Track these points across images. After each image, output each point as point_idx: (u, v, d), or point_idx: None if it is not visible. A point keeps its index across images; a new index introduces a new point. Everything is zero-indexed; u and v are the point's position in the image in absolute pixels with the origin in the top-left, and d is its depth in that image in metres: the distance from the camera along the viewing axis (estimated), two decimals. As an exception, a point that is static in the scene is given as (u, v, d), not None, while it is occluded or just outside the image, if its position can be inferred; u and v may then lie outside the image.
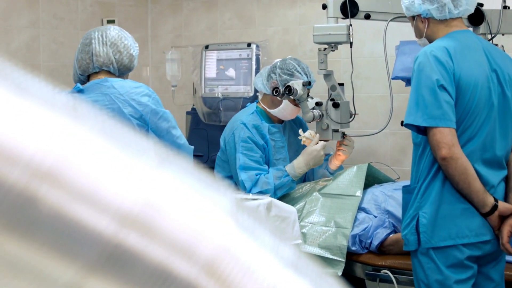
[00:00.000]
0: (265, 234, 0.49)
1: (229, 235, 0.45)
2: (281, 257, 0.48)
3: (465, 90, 2.41)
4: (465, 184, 2.39)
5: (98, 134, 0.44)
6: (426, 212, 2.45)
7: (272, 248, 0.48)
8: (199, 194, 0.46)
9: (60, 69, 4.56)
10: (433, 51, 2.41)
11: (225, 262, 0.44)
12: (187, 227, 0.44)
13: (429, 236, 2.45)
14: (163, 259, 0.44)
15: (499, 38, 3.57)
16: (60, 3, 4.54)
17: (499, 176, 2.53)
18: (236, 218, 0.47)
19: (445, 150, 2.34)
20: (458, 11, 2.52)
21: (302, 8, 4.44)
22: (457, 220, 2.44)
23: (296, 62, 3.50)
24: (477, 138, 2.45)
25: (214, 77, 4.17)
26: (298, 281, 0.48)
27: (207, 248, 0.44)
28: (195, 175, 0.47)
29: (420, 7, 2.52)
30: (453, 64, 2.40)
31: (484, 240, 2.47)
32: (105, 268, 0.43)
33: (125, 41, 2.73)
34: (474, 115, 2.43)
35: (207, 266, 0.44)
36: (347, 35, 3.21)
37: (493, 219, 2.44)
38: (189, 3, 4.89)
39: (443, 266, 2.46)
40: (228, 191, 0.48)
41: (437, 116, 2.36)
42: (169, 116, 2.66)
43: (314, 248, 3.17)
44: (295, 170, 3.36)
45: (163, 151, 0.47)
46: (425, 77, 2.38)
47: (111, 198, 0.42)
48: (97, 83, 2.66)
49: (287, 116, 3.53)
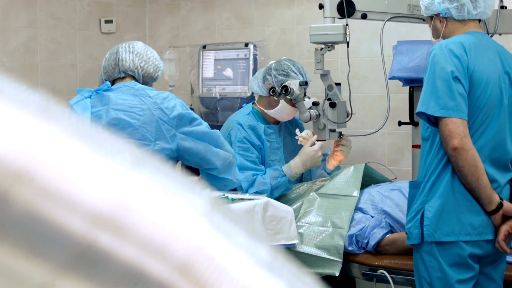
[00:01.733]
0: (241, 234, 0.49)
1: (203, 236, 0.45)
2: (256, 257, 0.48)
3: (477, 85, 2.42)
4: (474, 177, 2.39)
5: (71, 135, 0.44)
6: (432, 206, 2.46)
7: (248, 249, 0.48)
8: (173, 195, 0.46)
9: (57, 69, 4.56)
10: (448, 45, 2.43)
11: (199, 262, 0.44)
12: (160, 228, 0.44)
13: (433, 230, 2.46)
14: (136, 259, 0.43)
15: (496, 38, 3.57)
16: (58, 3, 4.54)
17: (506, 177, 2.54)
18: (211, 218, 0.47)
19: (457, 140, 2.35)
20: (477, 12, 2.54)
21: (299, 8, 4.44)
22: (461, 217, 2.45)
23: (291, 62, 3.50)
24: (485, 136, 2.46)
25: (211, 77, 4.17)
26: (273, 281, 0.47)
27: (181, 248, 0.44)
28: (170, 175, 0.47)
29: (440, 6, 2.55)
30: (467, 58, 2.42)
31: (487, 239, 2.47)
32: (77, 269, 0.42)
33: (150, 54, 2.85)
34: (484, 111, 2.44)
35: (181, 266, 0.44)
36: (344, 35, 3.21)
37: (496, 218, 2.45)
38: (187, 3, 4.89)
39: (445, 264, 2.46)
40: (204, 192, 0.48)
41: (450, 107, 2.37)
42: (193, 115, 2.77)
43: (311, 248, 3.17)
44: (292, 170, 3.35)
45: (138, 152, 0.47)
46: (439, 68, 2.40)
47: (82, 198, 0.42)
48: (125, 85, 2.74)
49: (284, 117, 3.53)
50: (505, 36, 3.69)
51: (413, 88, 3.64)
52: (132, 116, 2.64)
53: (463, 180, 2.42)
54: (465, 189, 2.44)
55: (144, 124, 2.63)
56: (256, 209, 3.07)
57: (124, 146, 0.46)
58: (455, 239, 2.45)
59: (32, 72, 4.43)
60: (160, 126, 2.63)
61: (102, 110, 2.67)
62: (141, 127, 2.63)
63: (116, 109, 2.66)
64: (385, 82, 3.24)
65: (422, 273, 2.54)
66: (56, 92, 4.32)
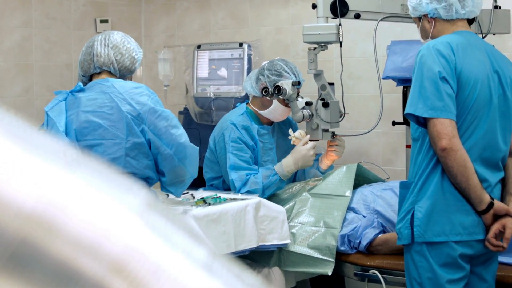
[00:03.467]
0: (179, 235, 0.49)
1: (137, 235, 0.45)
2: (194, 258, 0.48)
3: (465, 84, 2.42)
4: (463, 177, 2.38)
5: (3, 135, 0.44)
6: (422, 206, 2.45)
7: (185, 249, 0.48)
8: (107, 195, 0.46)
9: (52, 69, 4.55)
10: (435, 45, 2.43)
11: (133, 261, 0.44)
12: (93, 227, 0.44)
13: (423, 230, 2.45)
14: (69, 258, 0.43)
15: (490, 37, 3.57)
16: (53, 3, 4.54)
17: (497, 177, 2.53)
18: (147, 218, 0.46)
19: (446, 140, 2.34)
20: (465, 11, 2.54)
21: (294, 8, 4.44)
22: (451, 217, 2.44)
23: (284, 62, 3.49)
24: (475, 135, 2.46)
25: (206, 77, 4.17)
26: (210, 281, 0.47)
27: (114, 247, 0.44)
28: (106, 176, 0.47)
29: (428, 6, 2.54)
30: (455, 58, 2.41)
31: (477, 239, 2.46)
32: (7, 268, 0.42)
33: (128, 45, 2.78)
34: (473, 111, 2.44)
35: (114, 265, 0.44)
36: (337, 35, 3.20)
37: (487, 217, 2.44)
38: (182, 2, 4.89)
39: (436, 264, 2.45)
40: (141, 192, 0.47)
41: (438, 107, 2.37)
42: (169, 115, 2.66)
43: (304, 248, 3.17)
44: (284, 169, 3.35)
45: (73, 153, 0.46)
46: (427, 69, 2.39)
47: (14, 197, 0.42)
48: (97, 83, 2.70)
49: (277, 117, 3.53)
50: (499, 36, 3.69)
51: (407, 88, 3.63)
52: (102, 116, 2.60)
53: (452, 180, 2.41)
54: (455, 189, 2.44)
55: (114, 123, 2.59)
56: (248, 209, 3.06)
57: (59, 147, 0.46)
58: (445, 239, 2.44)
59: (27, 72, 4.43)
60: (129, 122, 2.58)
61: (74, 113, 2.64)
62: (111, 126, 2.59)
63: (85, 111, 2.62)
64: (379, 82, 3.24)
65: (412, 274, 2.53)
66: (51, 91, 4.31)
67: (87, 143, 2.60)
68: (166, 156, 2.60)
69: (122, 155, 2.58)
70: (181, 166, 2.64)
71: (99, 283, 0.44)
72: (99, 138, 2.60)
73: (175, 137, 2.63)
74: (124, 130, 2.59)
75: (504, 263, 2.88)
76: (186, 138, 2.69)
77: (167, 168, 2.63)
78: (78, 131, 2.62)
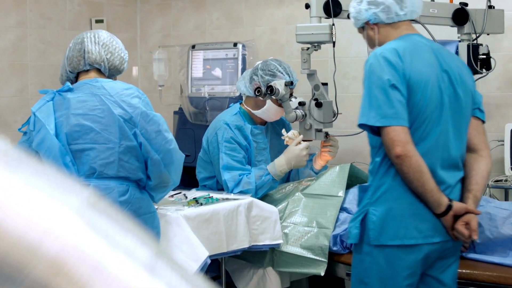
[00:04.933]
0: (121, 234, 0.48)
1: (77, 234, 0.45)
2: (135, 257, 0.47)
3: (416, 88, 2.41)
4: (419, 182, 2.38)
5: None
6: (376, 210, 2.45)
7: (126, 249, 0.48)
8: (47, 194, 0.45)
9: (47, 69, 4.55)
10: (383, 53, 2.42)
11: (73, 260, 0.44)
12: (32, 226, 0.44)
13: (378, 234, 2.45)
14: (6, 256, 0.43)
15: (484, 37, 3.56)
16: (48, 3, 4.54)
17: (456, 177, 2.53)
18: (88, 218, 0.46)
19: (399, 148, 2.34)
20: (404, 12, 2.53)
21: (289, 8, 4.44)
22: (406, 221, 2.43)
23: (278, 62, 3.49)
24: (430, 138, 2.45)
25: (200, 77, 4.17)
26: (151, 281, 0.47)
27: (53, 246, 0.44)
28: (48, 176, 0.47)
29: (367, 13, 2.54)
30: (402, 64, 2.40)
31: (433, 242, 2.45)
32: None
33: (116, 44, 2.74)
34: (426, 114, 2.43)
35: (53, 263, 0.44)
36: (330, 35, 3.20)
37: (447, 219, 2.43)
38: (178, 2, 4.89)
39: (387, 265, 2.45)
40: (83, 192, 0.47)
41: (390, 115, 2.36)
42: (159, 119, 2.62)
43: (296, 248, 3.17)
44: (276, 169, 3.35)
45: (14, 153, 0.46)
46: (376, 78, 2.39)
47: None
48: (86, 83, 2.63)
49: (271, 117, 3.53)
50: (493, 36, 3.68)
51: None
52: (93, 119, 2.56)
53: (409, 185, 2.41)
54: (410, 193, 2.43)
55: (107, 127, 2.55)
56: (240, 209, 3.06)
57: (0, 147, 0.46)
58: (400, 243, 2.43)
59: (22, 72, 4.43)
60: (122, 126, 2.55)
61: (63, 115, 2.59)
62: (103, 130, 2.55)
63: (76, 114, 2.57)
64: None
65: (360, 274, 2.53)
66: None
67: (79, 147, 2.55)
68: (155, 161, 2.57)
69: (115, 159, 2.54)
70: (165, 172, 2.61)
71: (39, 281, 0.43)
72: (91, 142, 2.55)
73: (165, 143, 2.59)
74: (117, 134, 2.54)
75: (495, 263, 2.89)
76: (175, 145, 2.65)
77: (154, 173, 2.60)
78: (69, 135, 2.56)
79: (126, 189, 2.56)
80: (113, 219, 0.48)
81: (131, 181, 2.58)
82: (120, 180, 2.55)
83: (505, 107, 3.83)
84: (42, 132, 2.58)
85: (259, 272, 3.27)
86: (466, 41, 3.49)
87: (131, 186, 2.58)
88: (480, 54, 3.49)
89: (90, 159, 2.54)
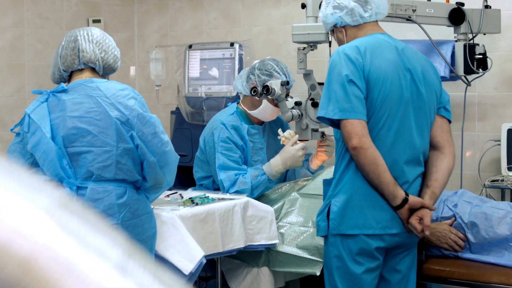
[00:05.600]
0: (92, 235, 0.48)
1: (47, 234, 0.45)
2: (106, 257, 0.47)
3: (374, 85, 2.52)
4: (374, 174, 2.48)
5: None
6: (337, 201, 2.56)
7: (98, 249, 0.48)
8: (17, 195, 0.45)
9: (45, 69, 4.54)
10: (344, 50, 2.54)
11: (43, 259, 0.44)
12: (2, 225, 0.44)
13: (338, 223, 2.56)
14: None
15: (480, 37, 3.56)
16: (45, 3, 4.54)
17: (416, 172, 2.62)
18: (58, 218, 0.46)
19: (356, 140, 2.45)
20: (369, 14, 2.64)
21: (286, 8, 4.44)
22: (365, 211, 2.54)
23: (275, 62, 3.49)
24: (390, 133, 2.54)
25: (197, 77, 4.17)
26: (122, 281, 0.47)
27: (24, 245, 0.44)
28: (17, 176, 0.47)
29: (333, 17, 2.67)
30: (362, 61, 2.51)
31: (391, 233, 2.55)
32: None
33: (109, 42, 2.70)
34: (384, 109, 2.53)
35: (24, 263, 0.44)
36: (326, 35, 3.19)
37: (403, 212, 2.52)
38: (175, 2, 4.89)
39: (348, 255, 2.55)
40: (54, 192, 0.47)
41: (347, 109, 2.47)
42: (155, 121, 2.59)
43: (292, 248, 3.17)
44: (272, 169, 3.35)
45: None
46: (336, 73, 2.51)
47: None
48: (81, 84, 2.60)
49: (267, 116, 3.52)
50: (490, 36, 3.68)
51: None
52: (90, 122, 2.52)
53: (365, 177, 2.51)
54: (369, 185, 2.53)
55: (104, 129, 2.52)
56: (236, 209, 3.06)
57: None
58: (358, 233, 2.54)
59: (19, 72, 4.43)
60: (119, 128, 2.52)
61: (59, 118, 2.55)
62: (100, 133, 2.51)
63: (72, 116, 2.53)
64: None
65: (328, 264, 2.65)
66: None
67: (75, 150, 2.52)
68: (151, 163, 2.55)
69: (113, 162, 2.51)
70: (161, 173, 2.59)
71: (9, 280, 0.43)
72: (88, 145, 2.52)
73: (161, 145, 2.57)
74: (114, 137, 2.51)
75: (490, 263, 2.89)
76: (171, 147, 2.64)
77: (150, 175, 2.58)
78: (66, 138, 2.52)
79: (123, 191, 2.55)
80: (85, 220, 0.48)
81: (128, 183, 2.57)
82: (118, 182, 2.54)
83: (502, 107, 3.82)
84: (37, 135, 2.55)
85: (253, 271, 3.27)
86: (462, 41, 3.49)
87: (129, 188, 2.57)
88: (476, 54, 3.49)
89: (87, 162, 2.52)
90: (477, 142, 3.87)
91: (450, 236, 2.98)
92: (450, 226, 3.01)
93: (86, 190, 2.51)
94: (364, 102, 2.49)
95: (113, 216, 2.50)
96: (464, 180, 3.78)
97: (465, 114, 3.70)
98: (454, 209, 3.05)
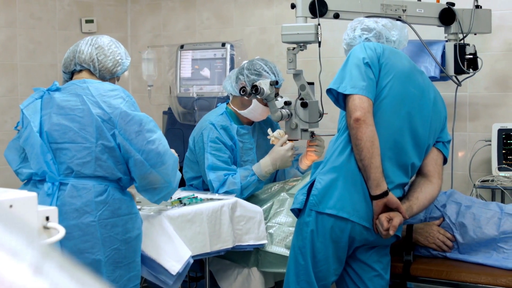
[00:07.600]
0: (6, 235, 0.48)
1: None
2: (20, 257, 0.47)
3: (384, 75, 2.59)
4: (368, 153, 2.49)
5: None
6: (323, 179, 2.60)
7: (11, 249, 0.47)
8: None
9: (37, 69, 4.55)
10: (365, 43, 2.69)
11: None
12: None
13: (318, 200, 2.59)
14: None
15: (471, 37, 3.56)
16: (37, 3, 4.54)
17: (400, 179, 2.65)
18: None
19: (360, 112, 2.49)
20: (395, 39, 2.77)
21: (278, 8, 4.43)
22: (348, 197, 2.56)
23: (263, 62, 3.49)
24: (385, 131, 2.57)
25: (189, 77, 4.16)
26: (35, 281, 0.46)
27: None
28: None
29: (361, 38, 2.78)
30: (381, 52, 2.62)
31: (364, 225, 2.58)
32: None
33: (115, 48, 2.71)
34: (384, 103, 2.58)
35: None
36: (315, 35, 3.19)
37: (378, 204, 2.54)
38: (168, 2, 4.88)
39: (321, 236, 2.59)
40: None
41: (359, 86, 2.53)
42: (142, 119, 2.55)
43: (281, 248, 3.16)
44: (262, 169, 3.34)
45: None
46: (354, 57, 2.61)
47: None
48: (74, 84, 2.63)
49: (257, 116, 3.52)
50: (481, 36, 3.68)
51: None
52: (73, 119, 2.55)
53: (358, 155, 2.52)
54: (359, 175, 2.55)
55: (85, 126, 2.53)
56: (224, 209, 3.06)
57: None
58: (335, 213, 2.56)
59: (12, 72, 4.43)
60: (100, 126, 2.52)
61: (47, 114, 2.59)
62: (81, 129, 2.53)
63: (58, 113, 2.57)
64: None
65: (297, 241, 2.67)
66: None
67: (58, 146, 2.55)
68: (137, 161, 2.52)
69: (92, 159, 2.52)
70: (153, 173, 2.55)
71: None
72: (69, 142, 2.55)
73: (146, 143, 2.52)
74: (94, 134, 2.52)
75: (479, 263, 2.88)
76: (162, 145, 2.57)
77: (137, 174, 2.56)
78: (49, 133, 2.57)
79: (104, 189, 2.54)
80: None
81: (110, 181, 2.56)
82: (99, 179, 2.54)
83: (492, 107, 3.82)
84: (28, 129, 2.60)
85: (243, 272, 3.26)
86: (453, 41, 3.48)
87: (110, 186, 2.56)
88: (467, 54, 3.48)
89: (67, 158, 2.54)
90: (468, 142, 3.86)
91: (438, 236, 2.98)
92: (438, 226, 3.01)
93: (67, 186, 2.52)
94: (375, 86, 2.57)
95: (90, 213, 2.50)
96: (455, 180, 3.78)
97: (456, 114, 3.70)
98: (442, 209, 3.05)
